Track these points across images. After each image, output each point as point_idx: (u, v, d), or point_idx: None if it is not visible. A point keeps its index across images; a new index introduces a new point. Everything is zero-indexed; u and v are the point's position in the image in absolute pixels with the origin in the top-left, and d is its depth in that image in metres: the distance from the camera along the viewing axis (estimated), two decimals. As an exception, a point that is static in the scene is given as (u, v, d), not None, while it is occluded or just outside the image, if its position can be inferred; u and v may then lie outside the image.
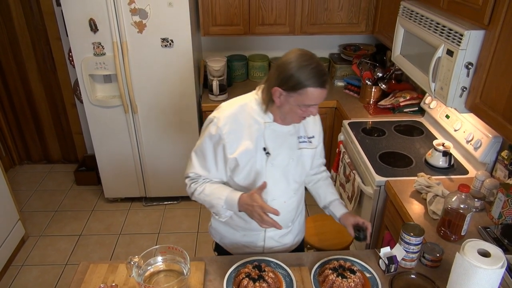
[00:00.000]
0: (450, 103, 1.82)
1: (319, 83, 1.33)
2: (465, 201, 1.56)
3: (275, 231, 1.63)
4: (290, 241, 1.70)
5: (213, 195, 1.49)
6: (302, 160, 1.57)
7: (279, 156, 1.51)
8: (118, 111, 3.02)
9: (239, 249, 1.69)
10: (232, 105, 1.50)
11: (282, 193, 1.56)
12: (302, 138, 1.56)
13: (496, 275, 1.17)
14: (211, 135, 1.47)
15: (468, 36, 1.66)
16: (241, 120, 1.47)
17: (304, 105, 1.38)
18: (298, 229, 1.75)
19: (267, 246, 1.66)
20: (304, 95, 1.34)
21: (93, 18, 2.69)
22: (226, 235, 1.69)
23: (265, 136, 1.48)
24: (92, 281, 1.46)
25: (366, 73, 2.95)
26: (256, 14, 3.00)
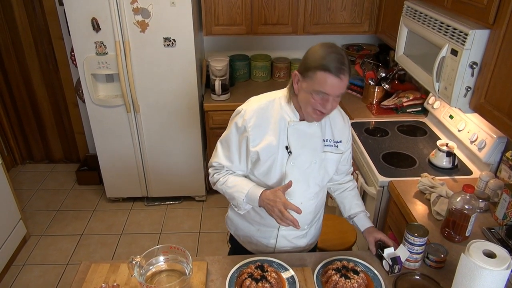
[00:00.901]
0: (454, 103, 1.81)
1: (330, 68, 1.29)
2: (469, 202, 1.55)
3: (289, 231, 1.62)
4: (303, 244, 1.68)
5: (235, 188, 1.49)
6: (326, 164, 1.55)
7: (301, 156, 1.50)
8: (120, 110, 3.02)
9: (252, 243, 1.69)
10: (261, 100, 1.51)
11: (300, 194, 1.54)
12: (328, 142, 1.54)
13: (502, 276, 1.15)
14: (237, 127, 1.49)
15: (473, 35, 1.64)
16: (268, 115, 1.47)
17: (314, 92, 1.34)
18: (314, 234, 1.73)
19: (279, 246, 1.65)
20: (315, 79, 1.33)
21: (96, 17, 2.69)
22: (241, 227, 1.70)
23: (289, 134, 1.47)
24: (93, 280, 1.45)
25: (369, 73, 2.93)
26: (259, 13, 2.99)
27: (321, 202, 1.68)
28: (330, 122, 1.56)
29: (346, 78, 1.33)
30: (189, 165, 3.26)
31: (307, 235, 1.68)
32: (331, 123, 1.56)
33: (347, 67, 1.33)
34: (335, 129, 1.57)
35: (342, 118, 1.60)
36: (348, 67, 1.34)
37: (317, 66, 1.31)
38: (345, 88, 1.36)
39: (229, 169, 1.56)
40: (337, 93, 1.35)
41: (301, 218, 1.55)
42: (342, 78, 1.32)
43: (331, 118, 1.56)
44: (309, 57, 1.36)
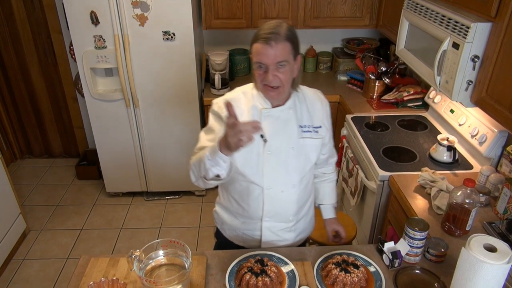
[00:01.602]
0: (456, 97, 1.80)
1: (259, 37, 1.33)
2: (470, 196, 1.54)
3: (273, 223, 1.60)
4: (291, 238, 1.66)
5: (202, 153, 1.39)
6: (306, 151, 1.53)
7: (277, 143, 1.48)
8: (119, 105, 3.00)
9: (238, 236, 1.68)
10: (235, 91, 1.55)
11: (279, 182, 1.52)
12: (306, 128, 1.53)
13: (503, 270, 1.15)
14: (214, 114, 1.51)
15: (475, 28, 1.63)
16: (242, 105, 1.48)
17: (256, 65, 1.37)
18: (303, 228, 1.70)
19: (265, 239, 1.63)
20: (253, 51, 1.37)
21: (94, 10, 2.67)
22: (227, 221, 1.68)
23: (262, 122, 1.46)
24: (93, 275, 1.44)
25: (370, 67, 2.92)
26: (259, 7, 2.97)
27: (307, 192, 1.63)
28: (308, 107, 1.54)
29: (280, 45, 1.32)
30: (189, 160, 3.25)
31: (295, 229, 1.65)
32: (308, 108, 1.54)
33: (281, 34, 1.32)
34: (313, 115, 1.55)
35: (321, 103, 1.59)
36: (286, 34, 1.33)
37: (253, 40, 1.36)
38: (284, 55, 1.34)
39: None
40: (273, 61, 1.33)
41: (283, 208, 1.56)
42: (273, 45, 1.31)
43: (308, 103, 1.55)
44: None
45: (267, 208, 1.55)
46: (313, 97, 1.58)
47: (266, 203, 1.54)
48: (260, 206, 1.55)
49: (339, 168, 2.68)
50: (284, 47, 1.34)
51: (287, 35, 1.34)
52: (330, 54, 3.50)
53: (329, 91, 3.13)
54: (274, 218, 1.58)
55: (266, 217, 1.58)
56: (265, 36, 1.32)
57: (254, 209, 1.56)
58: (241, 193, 1.56)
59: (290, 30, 1.37)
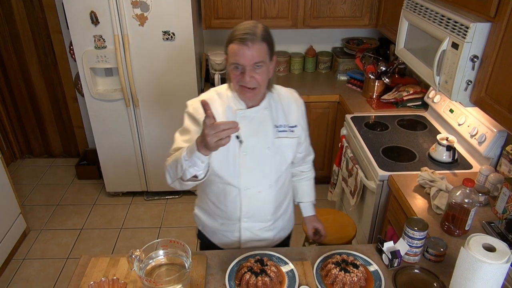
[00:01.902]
0: (455, 97, 1.80)
1: (236, 38, 1.31)
2: (469, 196, 1.55)
3: (251, 223, 1.60)
4: (270, 236, 1.67)
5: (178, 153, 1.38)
6: (282, 150, 1.53)
7: (253, 144, 1.48)
8: (119, 104, 3.01)
9: (218, 238, 1.69)
10: (209, 92, 1.54)
11: (256, 183, 1.53)
12: (282, 127, 1.53)
13: (502, 270, 1.15)
14: (189, 116, 1.51)
15: (474, 28, 1.63)
16: (216, 106, 1.48)
17: (232, 66, 1.36)
18: (282, 227, 1.71)
19: (244, 239, 1.64)
20: (229, 52, 1.35)
21: (94, 10, 2.67)
22: (207, 223, 1.69)
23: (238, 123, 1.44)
24: (93, 274, 1.45)
25: (369, 67, 2.92)
26: (259, 7, 2.97)
27: (284, 191, 1.64)
28: (283, 107, 1.54)
29: (257, 46, 1.31)
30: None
31: (274, 227, 1.66)
32: (283, 107, 1.54)
33: (257, 35, 1.31)
34: (289, 114, 1.55)
35: (296, 103, 1.58)
36: (262, 35, 1.33)
37: (228, 40, 1.35)
38: (260, 56, 1.33)
39: None
40: (250, 62, 1.32)
41: (261, 208, 1.57)
42: (250, 46, 1.30)
43: (284, 103, 1.55)
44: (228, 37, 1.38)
45: (244, 209, 1.56)
46: (288, 97, 1.58)
47: (244, 204, 1.55)
48: (238, 207, 1.56)
49: (339, 168, 2.68)
50: (261, 47, 1.33)
51: (263, 35, 1.33)
52: (330, 53, 3.51)
53: (328, 90, 3.14)
54: (252, 219, 1.59)
55: (244, 218, 1.58)
56: (241, 36, 1.30)
57: (232, 210, 1.57)
58: (218, 195, 1.57)
59: (266, 31, 1.36)
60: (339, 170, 2.68)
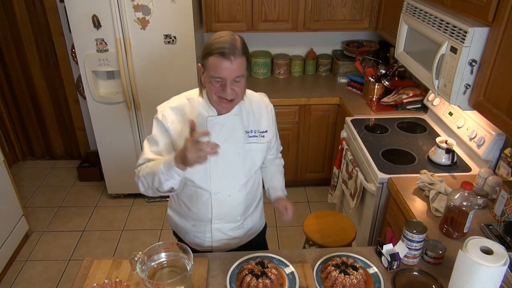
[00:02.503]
0: (454, 101, 1.82)
1: (219, 52, 1.31)
2: (467, 199, 1.56)
3: (222, 224, 1.64)
4: (240, 235, 1.71)
5: (153, 165, 1.43)
6: (251, 155, 1.57)
7: (223, 149, 1.45)
8: (121, 107, 3.02)
9: (190, 238, 1.72)
10: (180, 97, 1.55)
11: (226, 187, 1.56)
12: (252, 133, 1.55)
13: (499, 272, 1.17)
14: (158, 123, 1.52)
15: (472, 33, 1.65)
16: (187, 112, 1.50)
17: (212, 78, 1.36)
18: (251, 225, 1.75)
19: (215, 239, 1.68)
20: (209, 65, 1.35)
21: (96, 14, 2.69)
22: (179, 223, 1.72)
23: (208, 129, 1.47)
24: (96, 276, 1.47)
25: (369, 70, 2.94)
26: (259, 10, 2.99)
27: (253, 193, 1.68)
28: (254, 113, 1.56)
29: (238, 60, 1.33)
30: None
31: (243, 226, 1.71)
32: (254, 113, 1.56)
33: (238, 49, 1.33)
34: (259, 120, 1.58)
35: (266, 107, 1.61)
36: (241, 49, 1.34)
37: (208, 52, 1.34)
38: (241, 70, 1.36)
39: None
40: (232, 76, 1.34)
41: (231, 210, 1.61)
42: (232, 60, 1.32)
43: (254, 108, 1.57)
44: (205, 46, 1.38)
45: (215, 211, 1.60)
46: (258, 102, 1.60)
47: (215, 206, 1.59)
48: (209, 210, 1.60)
49: (339, 170, 2.70)
50: (241, 62, 1.35)
51: (243, 50, 1.35)
52: (330, 56, 3.52)
53: (329, 93, 3.15)
54: (223, 220, 1.63)
55: (215, 220, 1.63)
56: (223, 50, 1.31)
57: (203, 212, 1.61)
58: (190, 197, 1.60)
59: (244, 44, 1.38)
60: (339, 173, 2.70)
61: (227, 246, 1.71)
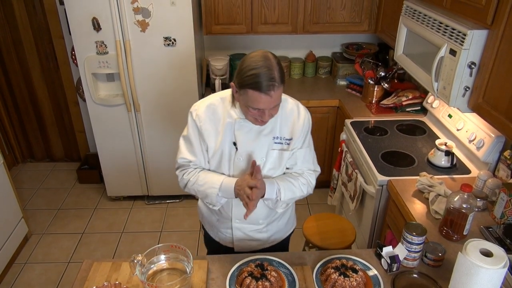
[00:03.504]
0: (453, 103, 1.82)
1: (258, 87, 1.31)
2: (467, 201, 1.56)
3: (242, 224, 1.66)
4: (263, 238, 1.72)
5: (206, 184, 1.52)
6: (275, 161, 1.56)
7: (248, 152, 1.52)
8: (120, 109, 3.03)
9: (214, 232, 1.77)
10: (215, 96, 1.57)
11: None
12: (278, 139, 1.55)
13: (498, 275, 1.17)
14: (192, 121, 1.55)
15: (471, 35, 1.66)
16: (219, 111, 1.53)
17: (249, 107, 1.38)
18: (276, 230, 1.74)
19: (236, 237, 1.70)
20: (247, 96, 1.36)
21: (96, 17, 2.70)
22: (206, 216, 1.77)
23: (236, 130, 1.51)
24: (95, 279, 1.47)
25: (369, 72, 2.95)
26: (259, 13, 3.00)
27: None
28: (281, 119, 1.55)
29: (277, 91, 1.34)
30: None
31: (267, 230, 1.71)
32: (282, 120, 1.55)
33: (277, 80, 1.32)
34: (284, 126, 1.55)
35: (298, 116, 1.55)
36: (280, 78, 1.33)
37: (247, 85, 1.33)
38: (278, 99, 1.37)
39: (195, 164, 1.58)
40: (271, 106, 1.37)
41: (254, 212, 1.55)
42: (272, 95, 1.33)
43: (284, 115, 1.55)
44: (241, 72, 1.35)
45: (235, 211, 1.63)
46: (290, 109, 1.56)
47: (235, 206, 1.62)
48: (230, 209, 1.63)
49: (339, 172, 2.70)
50: (280, 91, 1.36)
51: (281, 77, 1.34)
52: (330, 59, 3.53)
53: (328, 95, 3.16)
54: (243, 221, 1.64)
55: (235, 219, 1.66)
56: (265, 86, 1.30)
57: (225, 210, 1.65)
58: None
59: (281, 67, 1.36)
60: (339, 175, 2.70)
61: (249, 247, 1.72)
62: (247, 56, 1.37)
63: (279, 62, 1.38)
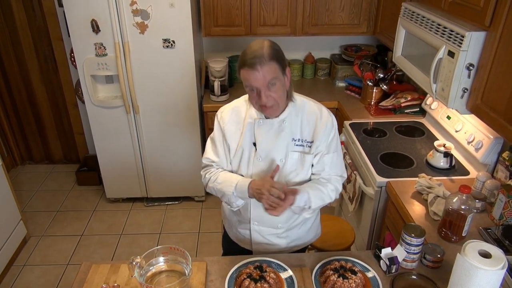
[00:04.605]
0: (451, 104, 1.82)
1: (244, 64, 1.37)
2: (466, 202, 1.56)
3: (260, 227, 1.65)
4: (282, 244, 1.69)
5: (224, 183, 1.55)
6: (295, 163, 1.54)
7: (267, 153, 1.52)
8: (119, 111, 3.03)
9: (233, 232, 1.78)
10: (240, 99, 1.63)
11: None
12: (299, 141, 1.54)
13: (497, 276, 1.17)
14: (217, 123, 1.60)
15: (469, 37, 1.66)
16: (242, 112, 1.57)
17: (247, 88, 1.43)
18: (296, 237, 1.71)
19: (254, 240, 1.69)
20: (242, 77, 1.42)
21: (95, 19, 2.70)
22: (227, 216, 1.78)
23: (256, 130, 1.53)
24: (94, 281, 1.46)
25: (367, 74, 2.95)
26: (258, 15, 3.00)
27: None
28: (302, 121, 1.54)
29: (266, 67, 1.35)
30: (189, 166, 3.27)
31: (287, 236, 1.67)
32: (303, 122, 1.54)
33: (265, 56, 1.35)
34: (305, 129, 1.53)
35: (320, 118, 1.53)
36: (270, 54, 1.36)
37: (239, 66, 1.41)
38: (271, 74, 1.37)
39: (218, 165, 1.62)
40: (263, 83, 1.37)
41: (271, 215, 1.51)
42: (259, 69, 1.35)
43: (306, 116, 1.53)
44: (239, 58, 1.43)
45: (254, 213, 1.62)
46: (313, 112, 1.55)
47: (253, 208, 1.61)
48: (248, 210, 1.63)
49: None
50: (270, 67, 1.37)
51: (271, 54, 1.37)
52: (328, 60, 3.53)
53: (327, 97, 3.16)
54: (261, 223, 1.64)
55: (254, 221, 1.65)
56: (249, 62, 1.35)
57: (244, 211, 1.65)
58: None
59: (273, 48, 1.39)
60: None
61: (267, 251, 1.69)
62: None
63: (274, 44, 1.41)
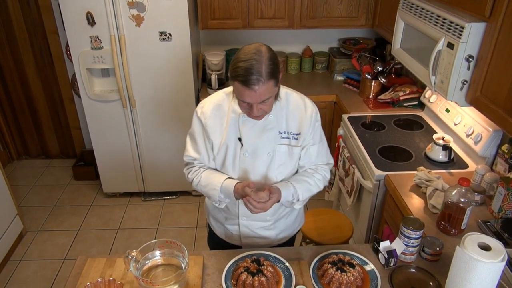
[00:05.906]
0: (451, 97, 1.81)
1: (243, 81, 1.27)
2: (465, 195, 1.55)
3: (249, 221, 1.64)
4: (271, 235, 1.69)
5: (208, 186, 1.52)
6: (283, 156, 1.52)
7: (254, 148, 1.49)
8: (116, 105, 3.00)
9: (220, 230, 1.75)
10: (220, 93, 1.55)
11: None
12: (285, 134, 1.51)
13: (497, 268, 1.16)
14: (197, 118, 1.54)
15: (469, 28, 1.64)
16: (224, 107, 1.51)
17: (238, 98, 1.37)
18: (284, 227, 1.71)
19: (243, 235, 1.68)
20: (235, 88, 1.34)
21: (91, 11, 2.66)
22: (213, 213, 1.75)
23: (240, 125, 1.49)
24: (89, 275, 1.45)
25: (366, 67, 2.93)
26: (255, 7, 2.97)
27: None
28: (287, 114, 1.51)
29: (262, 87, 1.28)
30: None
31: (275, 227, 1.68)
32: (288, 114, 1.51)
33: (263, 75, 1.26)
34: (291, 121, 1.50)
35: (305, 110, 1.51)
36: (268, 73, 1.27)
37: (234, 77, 1.30)
38: (267, 94, 1.31)
39: (199, 161, 1.58)
40: (257, 101, 1.31)
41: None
42: (256, 90, 1.27)
43: (290, 109, 1.51)
44: (232, 63, 1.32)
45: (242, 208, 1.59)
46: (296, 104, 1.52)
47: (241, 203, 1.56)
48: (237, 206, 1.61)
49: (336, 167, 2.69)
50: (268, 86, 1.29)
51: (270, 72, 1.28)
52: (327, 54, 3.51)
53: (325, 91, 3.14)
54: (250, 217, 1.63)
55: (242, 216, 1.63)
56: (246, 79, 1.26)
57: (232, 207, 1.62)
58: None
59: (272, 60, 1.29)
60: (336, 170, 2.69)
61: (256, 244, 1.69)
62: (242, 48, 1.33)
63: (273, 57, 1.32)
